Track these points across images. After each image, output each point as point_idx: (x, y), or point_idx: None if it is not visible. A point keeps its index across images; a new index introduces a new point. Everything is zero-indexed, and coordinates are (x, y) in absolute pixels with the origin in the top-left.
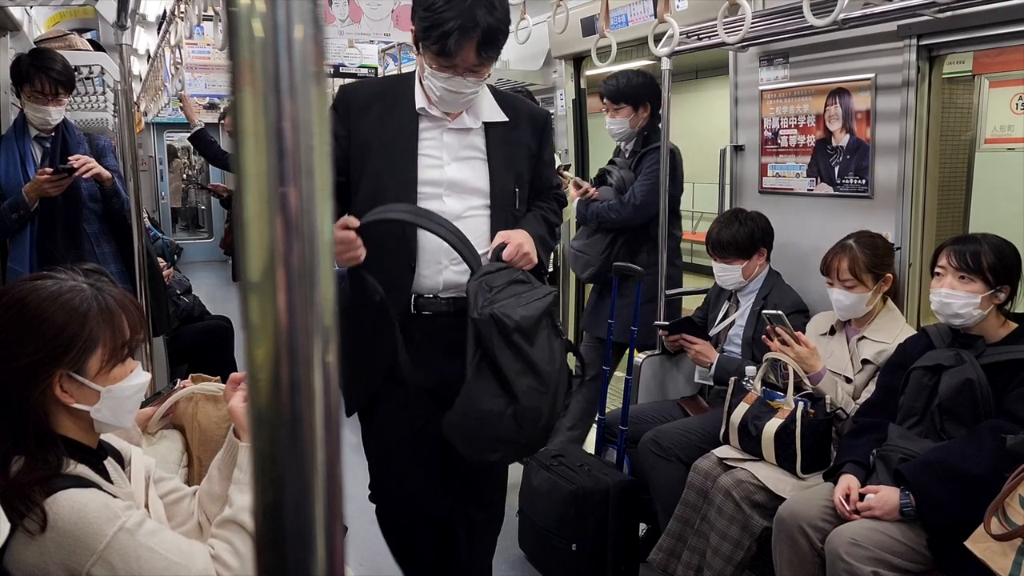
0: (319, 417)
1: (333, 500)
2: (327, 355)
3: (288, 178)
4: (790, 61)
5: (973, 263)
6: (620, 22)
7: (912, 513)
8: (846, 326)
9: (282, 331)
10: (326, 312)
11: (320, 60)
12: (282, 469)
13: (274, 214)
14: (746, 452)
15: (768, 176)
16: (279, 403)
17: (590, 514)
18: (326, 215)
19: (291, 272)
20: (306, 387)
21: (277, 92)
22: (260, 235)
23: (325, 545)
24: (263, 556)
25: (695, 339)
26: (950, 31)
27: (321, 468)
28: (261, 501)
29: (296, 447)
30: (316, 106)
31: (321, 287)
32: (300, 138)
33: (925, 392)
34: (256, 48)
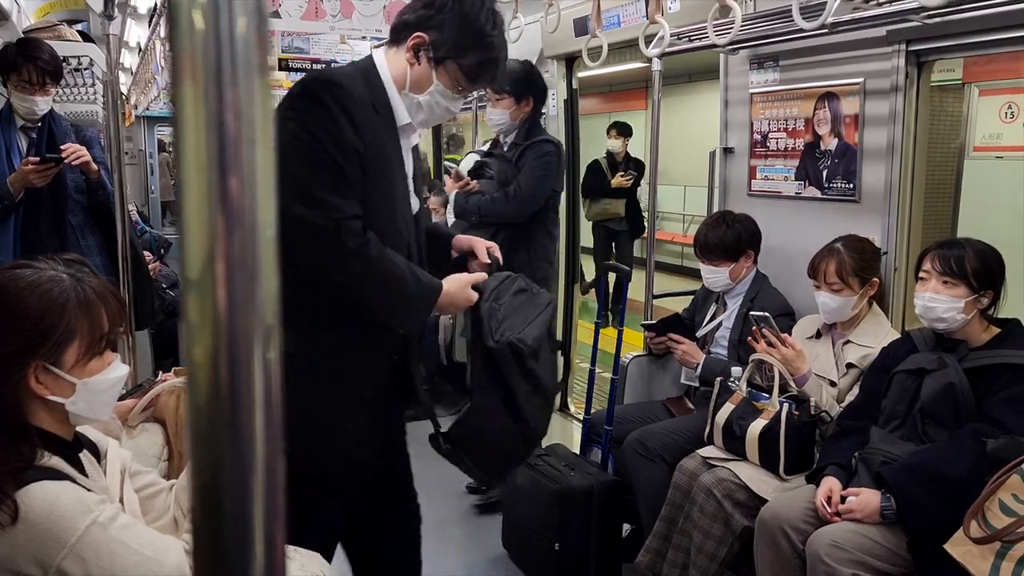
0: (260, 417)
1: (273, 501)
2: (268, 352)
3: (230, 171)
4: (780, 64)
5: (957, 268)
6: (612, 23)
7: (893, 516)
8: (832, 329)
9: (222, 329)
10: (268, 309)
11: (263, 52)
12: (222, 470)
13: (214, 208)
14: (730, 452)
15: (757, 179)
16: (219, 403)
17: (574, 514)
18: (269, 209)
19: (231, 268)
20: (246, 386)
21: (219, 84)
22: (200, 230)
23: (265, 550)
24: (202, 561)
25: (682, 340)
26: (938, 37)
27: (261, 469)
28: (199, 501)
29: (236, 448)
30: (260, 98)
31: (263, 283)
32: (243, 131)
33: (907, 395)
34: (197, 40)
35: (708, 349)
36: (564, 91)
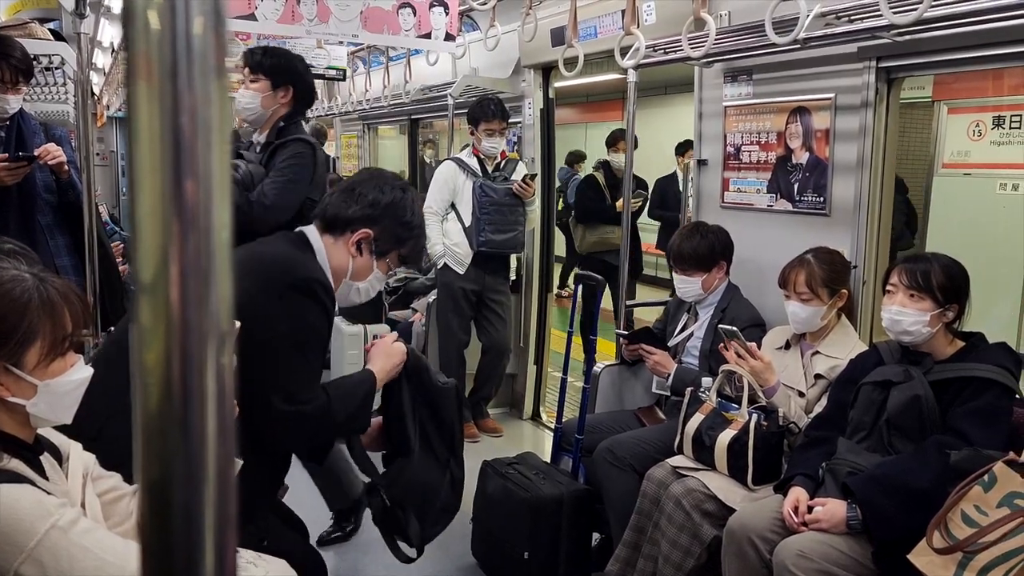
0: (212, 422)
1: (225, 508)
2: (222, 356)
3: (185, 174)
4: (754, 78)
5: (923, 281)
6: (589, 33)
7: (858, 526)
8: (801, 340)
9: (175, 333)
10: (222, 313)
11: (221, 53)
12: (172, 476)
13: (169, 211)
14: (700, 462)
15: (730, 191)
16: (170, 409)
17: (543, 522)
18: (224, 212)
19: (185, 271)
20: (199, 391)
21: (174, 86)
22: (153, 233)
23: (215, 558)
24: (150, 569)
25: (653, 349)
26: (908, 55)
27: (213, 475)
28: (148, 507)
29: (188, 453)
30: (216, 101)
31: (217, 288)
32: (198, 133)
33: (874, 407)
34: (152, 40)
35: (680, 359)
36: (541, 100)
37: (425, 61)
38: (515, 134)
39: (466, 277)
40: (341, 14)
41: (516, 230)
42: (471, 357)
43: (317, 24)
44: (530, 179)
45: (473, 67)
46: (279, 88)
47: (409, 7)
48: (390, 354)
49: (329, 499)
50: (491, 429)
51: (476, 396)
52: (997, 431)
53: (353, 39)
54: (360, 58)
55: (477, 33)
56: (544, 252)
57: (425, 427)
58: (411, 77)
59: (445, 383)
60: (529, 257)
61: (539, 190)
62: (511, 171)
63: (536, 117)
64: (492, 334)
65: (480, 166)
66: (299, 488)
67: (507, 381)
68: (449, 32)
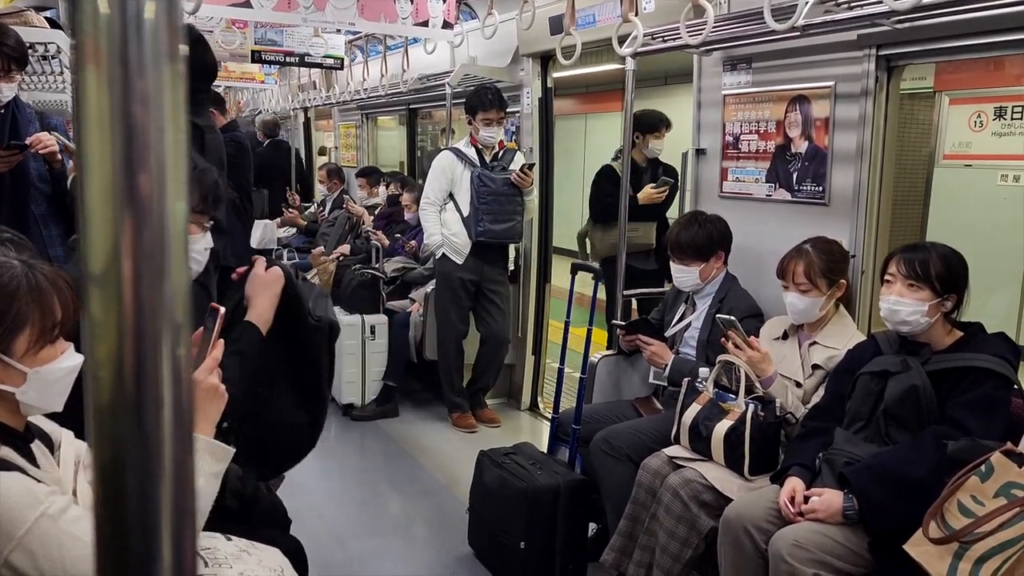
0: (168, 416)
1: (183, 504)
2: (177, 349)
3: (137, 163)
4: (753, 67)
5: (921, 271)
6: (588, 21)
7: (855, 516)
8: (799, 331)
9: (127, 326)
10: (177, 305)
11: (175, 38)
12: (126, 471)
13: (120, 201)
14: (696, 452)
15: (728, 180)
16: (123, 402)
17: (540, 512)
18: (179, 203)
19: (138, 263)
20: (153, 384)
21: (125, 72)
22: (103, 225)
23: (173, 555)
24: (105, 566)
25: (651, 340)
26: (908, 42)
27: (169, 470)
28: (103, 504)
29: (143, 448)
30: (170, 87)
31: (172, 279)
32: (151, 121)
33: (871, 397)
34: (101, 24)
35: (677, 349)
36: (539, 89)
37: (423, 50)
38: (513, 124)
39: (464, 267)
40: (338, 2)
41: (514, 220)
42: (469, 347)
43: (314, 12)
44: (528, 168)
45: (471, 56)
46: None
47: None
48: (268, 284)
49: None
50: (489, 419)
51: (474, 386)
52: (995, 421)
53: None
54: (358, 47)
55: (475, 22)
56: (542, 242)
57: (288, 364)
58: (408, 66)
59: (318, 320)
60: (527, 247)
61: (537, 180)
62: (509, 161)
63: (534, 106)
64: (490, 324)
65: (478, 156)
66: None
67: (505, 372)
68: (447, 20)
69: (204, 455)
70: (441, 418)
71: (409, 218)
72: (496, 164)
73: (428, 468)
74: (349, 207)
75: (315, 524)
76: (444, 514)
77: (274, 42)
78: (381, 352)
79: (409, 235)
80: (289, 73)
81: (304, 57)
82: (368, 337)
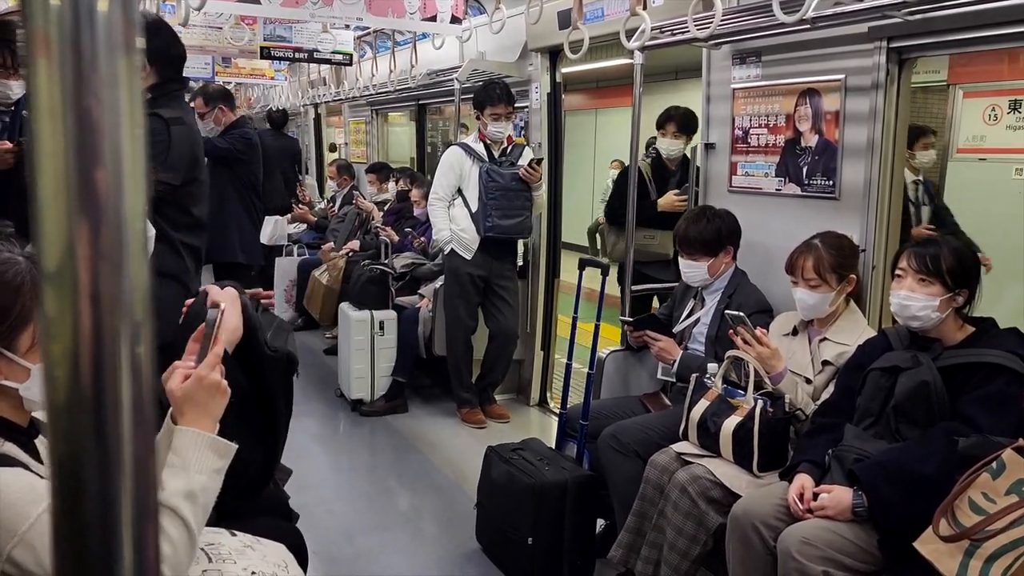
0: (127, 415)
1: (144, 505)
2: (137, 347)
3: (91, 158)
4: (762, 60)
5: (933, 266)
6: (596, 15)
7: (864, 513)
8: (808, 327)
9: (83, 324)
10: (136, 302)
11: (130, 30)
12: (84, 472)
13: (74, 197)
14: (704, 449)
15: (737, 175)
16: (80, 402)
17: (547, 508)
18: (137, 198)
19: (95, 260)
20: (111, 384)
21: (78, 65)
22: (57, 220)
23: (134, 557)
24: (64, 568)
25: (659, 335)
26: (920, 34)
27: (129, 470)
28: (60, 506)
29: (101, 451)
30: (125, 80)
31: (131, 276)
32: (105, 115)
33: (882, 393)
34: (52, 15)
35: (685, 345)
36: (548, 84)
37: (431, 45)
38: (522, 119)
39: (473, 263)
40: None
41: (523, 215)
42: (478, 343)
43: (321, 7)
44: (536, 163)
45: (480, 51)
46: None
47: None
48: (230, 299)
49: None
50: (498, 415)
51: (483, 382)
52: (1007, 418)
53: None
54: (367, 43)
55: (484, 17)
56: (551, 237)
57: (245, 395)
58: (417, 62)
59: (275, 351)
60: (536, 242)
61: (545, 175)
62: (518, 156)
63: (543, 101)
64: (499, 320)
65: (486, 151)
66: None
67: (514, 367)
68: (455, 15)
69: (207, 451)
70: (450, 414)
71: (418, 214)
72: (504, 159)
73: (437, 464)
74: (359, 203)
75: (324, 519)
76: (453, 509)
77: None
78: (390, 348)
79: (418, 231)
80: (299, 69)
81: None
82: (377, 333)
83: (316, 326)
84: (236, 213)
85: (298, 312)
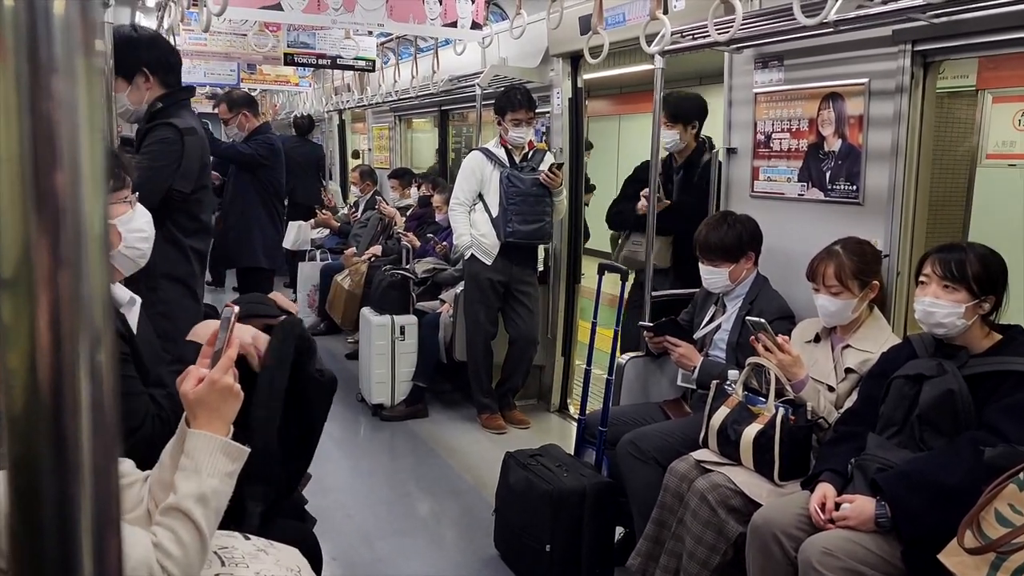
0: (86, 424)
1: (105, 514)
2: (97, 354)
3: (49, 162)
4: (785, 64)
5: (958, 272)
6: (617, 20)
7: (887, 524)
8: (831, 334)
9: (41, 331)
10: (96, 309)
11: (88, 33)
12: (41, 481)
13: (31, 202)
14: (725, 457)
15: (759, 180)
16: (38, 411)
17: (565, 515)
18: (97, 203)
19: (54, 267)
20: (71, 392)
21: (34, 66)
22: (13, 226)
23: (95, 568)
24: (21, 568)
25: (679, 341)
26: (946, 37)
27: (88, 479)
28: (19, 517)
29: (59, 461)
30: (83, 82)
31: (90, 282)
32: (62, 118)
33: (905, 402)
34: (6, 17)
35: (706, 351)
36: (569, 89)
37: (453, 52)
38: (543, 124)
39: (493, 268)
40: (367, 3)
41: (543, 220)
42: (498, 348)
43: (343, 13)
44: (556, 168)
45: (501, 57)
46: (134, 78)
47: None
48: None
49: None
50: (518, 421)
51: (503, 387)
52: None
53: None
54: (390, 49)
55: (505, 23)
56: (571, 242)
57: (287, 415)
58: (439, 68)
59: (321, 374)
60: (556, 248)
61: (566, 180)
62: (539, 161)
63: (564, 107)
64: (519, 325)
65: (507, 156)
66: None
67: (535, 373)
68: (475, 21)
69: (219, 455)
70: (470, 419)
71: (440, 219)
72: (525, 164)
73: (457, 469)
74: (381, 208)
75: (343, 523)
76: (472, 515)
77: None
78: (411, 353)
79: (440, 236)
80: (323, 76)
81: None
82: (398, 338)
83: (338, 331)
84: (259, 218)
85: (320, 317)
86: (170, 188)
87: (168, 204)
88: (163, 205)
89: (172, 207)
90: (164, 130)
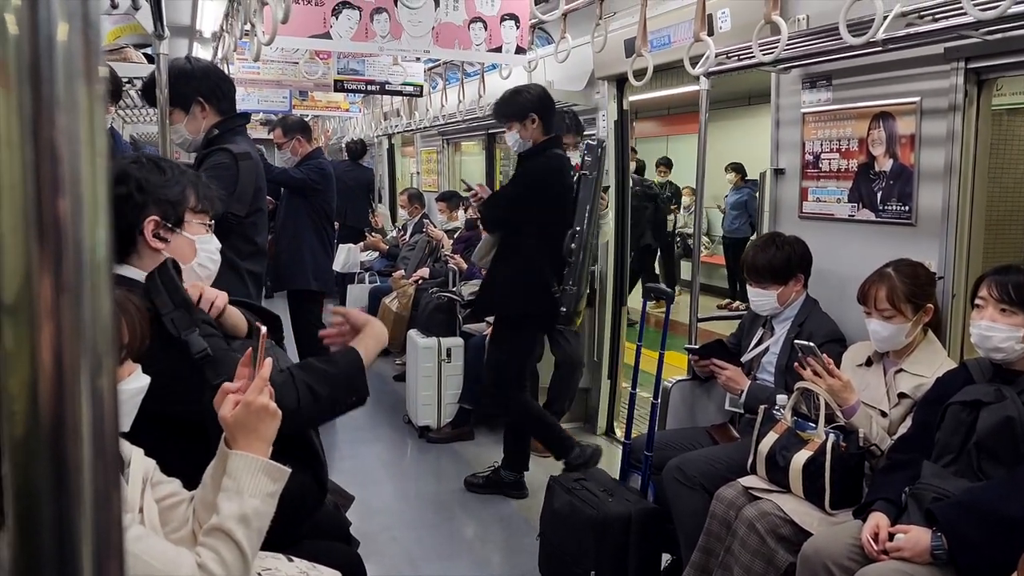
0: (88, 451)
1: (106, 541)
2: (99, 380)
3: (51, 188)
4: (833, 84)
5: (1016, 295)
6: (663, 43)
7: (944, 556)
8: (884, 357)
9: (41, 357)
10: (98, 335)
11: (92, 59)
12: (42, 507)
13: (33, 228)
14: (774, 483)
15: (808, 201)
16: (38, 437)
17: (610, 541)
18: (100, 229)
19: (55, 292)
20: (72, 418)
21: (36, 94)
22: (15, 252)
23: None
24: None
25: (726, 364)
26: (999, 54)
27: (90, 505)
28: (20, 545)
29: (60, 484)
30: (85, 109)
31: (92, 308)
32: (65, 144)
33: (962, 429)
34: (10, 44)
35: (754, 375)
36: (615, 112)
37: (499, 76)
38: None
39: None
40: (413, 30)
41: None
42: (544, 371)
43: (390, 41)
44: (603, 192)
45: (548, 80)
46: (191, 108)
47: (480, 21)
48: (379, 339)
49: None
50: None
51: (549, 410)
52: None
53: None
54: (438, 74)
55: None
56: (618, 265)
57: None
58: (485, 92)
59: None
60: (603, 270)
61: (612, 203)
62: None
63: (610, 129)
64: (565, 348)
65: None
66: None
67: (581, 396)
68: (519, 45)
69: (260, 475)
70: None
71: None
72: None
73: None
74: (429, 231)
75: (387, 545)
76: (517, 539)
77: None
78: (457, 375)
79: None
80: (373, 101)
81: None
82: (444, 360)
83: (386, 352)
84: (310, 241)
85: None
86: (225, 212)
87: (223, 227)
88: (218, 228)
89: (227, 230)
90: (219, 155)
